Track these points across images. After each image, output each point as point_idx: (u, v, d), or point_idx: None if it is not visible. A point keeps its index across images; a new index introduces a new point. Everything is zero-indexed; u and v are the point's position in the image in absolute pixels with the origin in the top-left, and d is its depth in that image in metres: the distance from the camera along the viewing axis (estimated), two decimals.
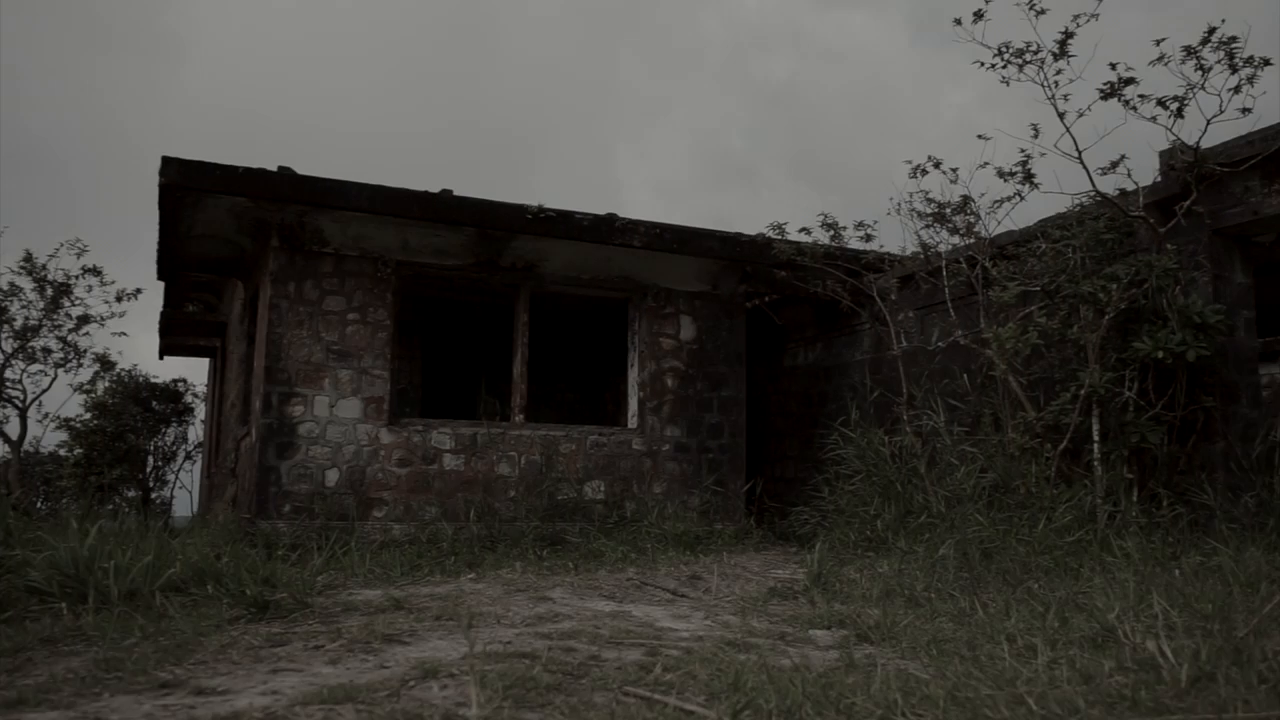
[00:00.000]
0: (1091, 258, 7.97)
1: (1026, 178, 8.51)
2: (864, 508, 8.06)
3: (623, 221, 9.76)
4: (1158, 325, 7.56)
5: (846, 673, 3.24)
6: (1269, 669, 2.81)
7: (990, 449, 7.88)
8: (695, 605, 5.40)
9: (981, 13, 7.91)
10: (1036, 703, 2.66)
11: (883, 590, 5.42)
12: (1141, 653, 3.08)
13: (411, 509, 9.27)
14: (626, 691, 3.02)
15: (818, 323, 11.57)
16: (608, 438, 10.14)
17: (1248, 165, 7.59)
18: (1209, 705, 2.53)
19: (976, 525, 6.68)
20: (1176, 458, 7.84)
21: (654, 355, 10.40)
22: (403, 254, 9.53)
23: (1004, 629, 3.81)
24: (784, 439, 11.99)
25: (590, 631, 4.22)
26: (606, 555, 8.08)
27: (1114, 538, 6.42)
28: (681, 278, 10.52)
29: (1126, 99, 7.63)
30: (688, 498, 10.20)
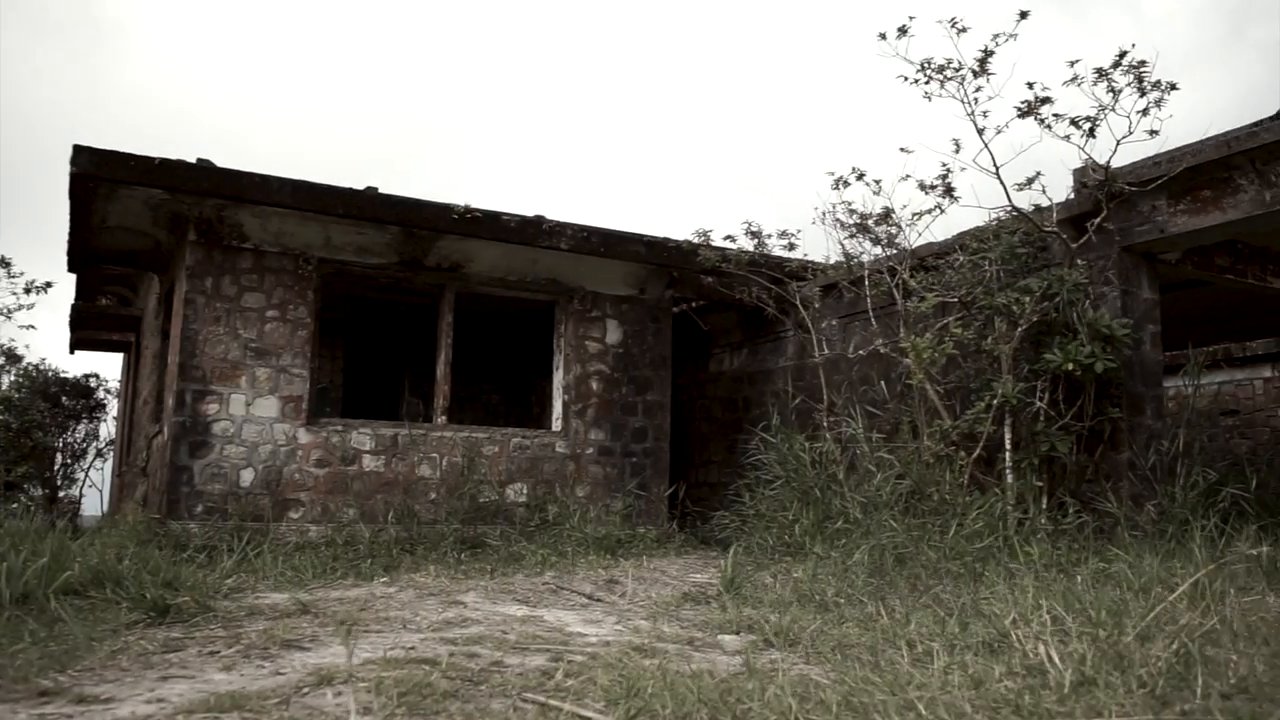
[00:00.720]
0: (1006, 271, 8.17)
1: (947, 191, 8.70)
2: (783, 513, 8.14)
3: (550, 224, 9.72)
4: (1068, 338, 7.78)
5: (748, 678, 3.26)
6: (1149, 673, 2.90)
7: (907, 456, 8.03)
8: (609, 610, 5.39)
9: (906, 28, 8.06)
10: (926, 708, 2.70)
11: (794, 595, 5.47)
12: (1032, 658, 3.15)
13: (329, 510, 9.11)
14: (525, 698, 3.00)
15: (744, 329, 11.67)
16: (531, 440, 10.09)
17: (1155, 185, 7.86)
18: (1088, 709, 2.60)
19: (891, 531, 6.79)
20: (1084, 466, 8.08)
21: (580, 358, 10.38)
22: (325, 251, 9.36)
23: (905, 634, 3.87)
24: (709, 444, 12.06)
25: (497, 637, 4.18)
26: (526, 559, 8.02)
27: (1022, 544, 6.58)
28: (608, 281, 10.52)
29: (1042, 118, 7.84)
30: (611, 501, 10.19)
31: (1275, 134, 7.32)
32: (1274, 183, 7.47)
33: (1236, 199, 7.69)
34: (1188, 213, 7.94)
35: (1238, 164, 7.60)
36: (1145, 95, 7.43)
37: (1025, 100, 7.85)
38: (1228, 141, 7.59)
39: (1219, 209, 7.78)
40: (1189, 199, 7.93)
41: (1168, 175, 7.76)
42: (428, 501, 9.47)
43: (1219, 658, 3.21)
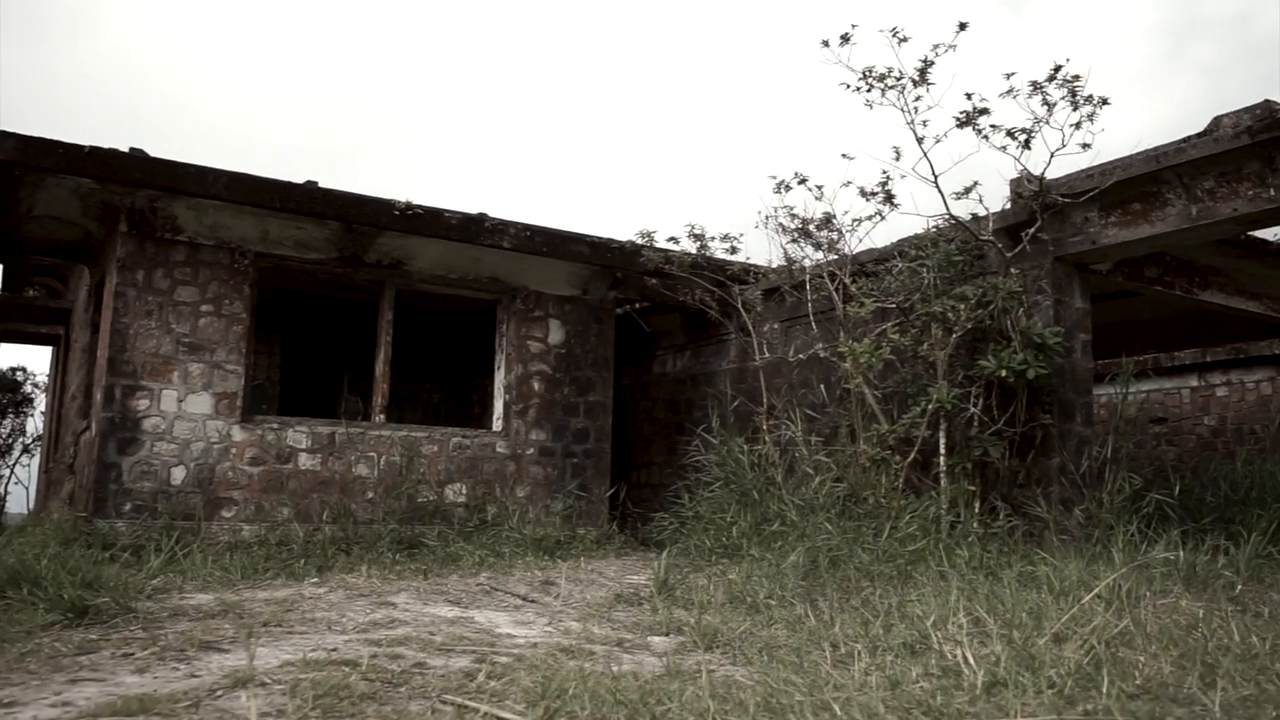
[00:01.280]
0: (943, 278, 8.29)
1: (887, 198, 8.80)
2: (721, 515, 8.17)
3: (493, 222, 9.66)
4: (1002, 345, 7.92)
5: (672, 679, 3.27)
6: (1059, 675, 2.96)
7: (844, 460, 8.11)
8: (541, 611, 5.37)
9: (848, 36, 8.15)
10: (842, 708, 2.73)
11: (727, 597, 5.50)
12: (949, 659, 3.20)
13: (263, 509, 8.95)
14: (444, 699, 2.97)
15: (687, 331, 11.71)
16: (471, 440, 10.02)
17: (1087, 197, 8.03)
18: (996, 709, 2.64)
19: (826, 534, 6.85)
20: (1016, 471, 8.22)
21: (521, 358, 10.33)
22: (263, 245, 9.20)
23: (830, 636, 3.91)
24: (651, 445, 12.08)
25: (424, 638, 4.14)
26: (464, 559, 7.96)
27: (953, 547, 6.69)
28: (552, 281, 10.48)
29: (980, 128, 7.98)
30: (551, 502, 10.16)
31: (1202, 150, 7.51)
32: (1200, 198, 7.68)
33: (1165, 213, 7.89)
34: (1119, 225, 8.13)
35: (1166, 179, 7.79)
36: (1078, 109, 7.60)
37: (964, 110, 7.98)
38: (1157, 156, 7.78)
39: (1148, 222, 7.97)
40: (1120, 211, 8.12)
41: (1099, 188, 7.93)
42: (365, 501, 9.35)
43: (1129, 659, 3.29)
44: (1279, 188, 7.26)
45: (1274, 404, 13.70)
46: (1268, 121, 7.18)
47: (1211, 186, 7.63)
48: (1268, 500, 8.53)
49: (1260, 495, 8.66)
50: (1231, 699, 2.85)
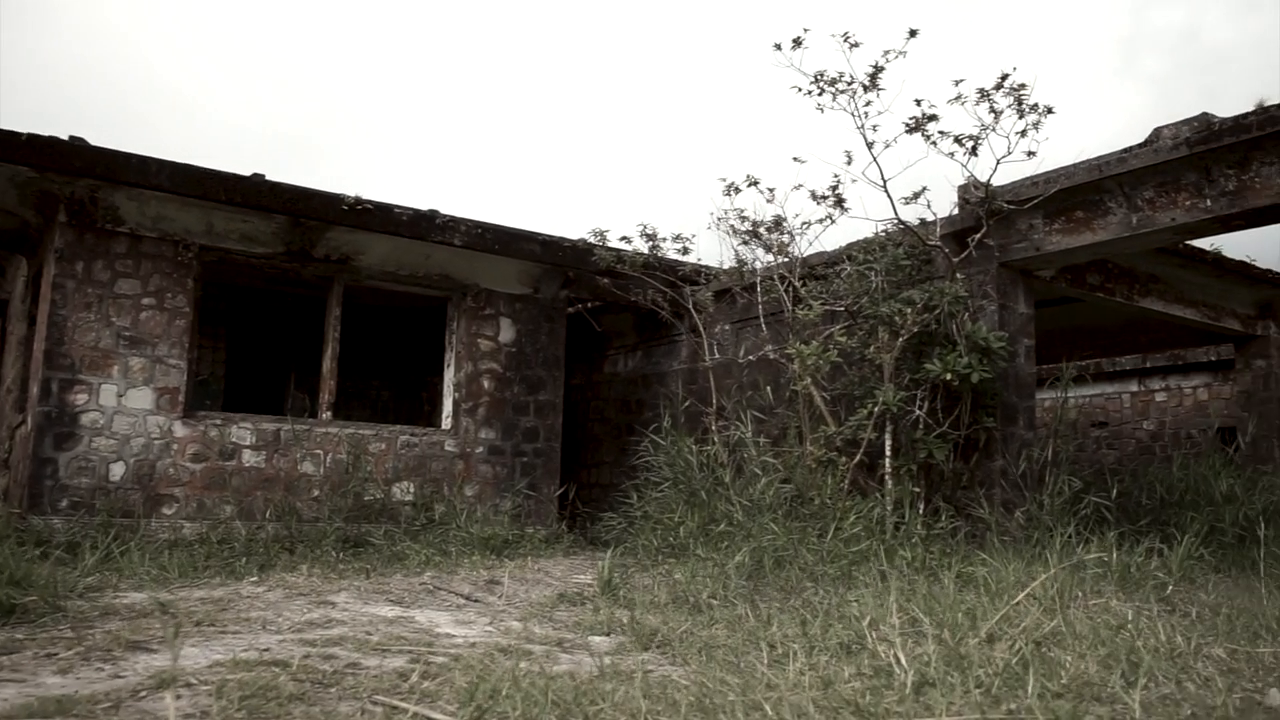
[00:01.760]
0: (891, 282, 8.38)
1: (837, 202, 8.88)
2: (669, 515, 8.18)
3: (444, 218, 9.59)
4: (948, 349, 8.02)
5: (607, 679, 3.26)
6: (987, 674, 3.00)
7: (792, 461, 8.16)
8: (483, 611, 5.34)
9: (800, 40, 8.20)
10: (773, 708, 2.75)
11: (670, 597, 5.50)
12: (882, 659, 3.24)
13: (205, 507, 8.80)
14: (375, 700, 2.94)
15: (639, 331, 11.71)
16: (420, 438, 9.93)
17: (1032, 204, 8.16)
18: (923, 709, 2.67)
19: (772, 534, 6.89)
20: (960, 473, 8.34)
21: (472, 356, 10.27)
22: (207, 238, 9.05)
23: (768, 636, 3.93)
24: (601, 444, 12.07)
25: (360, 638, 4.09)
26: (409, 558, 7.89)
27: (897, 548, 6.76)
28: (503, 279, 10.43)
29: (928, 134, 8.07)
30: (499, 501, 10.11)
31: (1142, 161, 7.68)
32: (1140, 207, 7.85)
33: (1106, 221, 8.06)
34: (1062, 232, 8.28)
35: (1108, 188, 7.96)
36: (1024, 117, 7.72)
37: (913, 116, 8.08)
38: (1099, 166, 7.94)
39: (1090, 230, 8.13)
40: (1063, 219, 8.27)
41: (1043, 195, 8.07)
42: (310, 499, 9.24)
43: (1058, 658, 3.34)
44: (1215, 199, 7.44)
45: (1210, 409, 14.05)
46: (1205, 134, 7.36)
47: (1151, 196, 7.80)
48: (1201, 503, 8.75)
49: (1194, 498, 8.87)
50: (1152, 697, 2.91)
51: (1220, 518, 8.44)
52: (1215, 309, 10.72)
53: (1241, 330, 11.07)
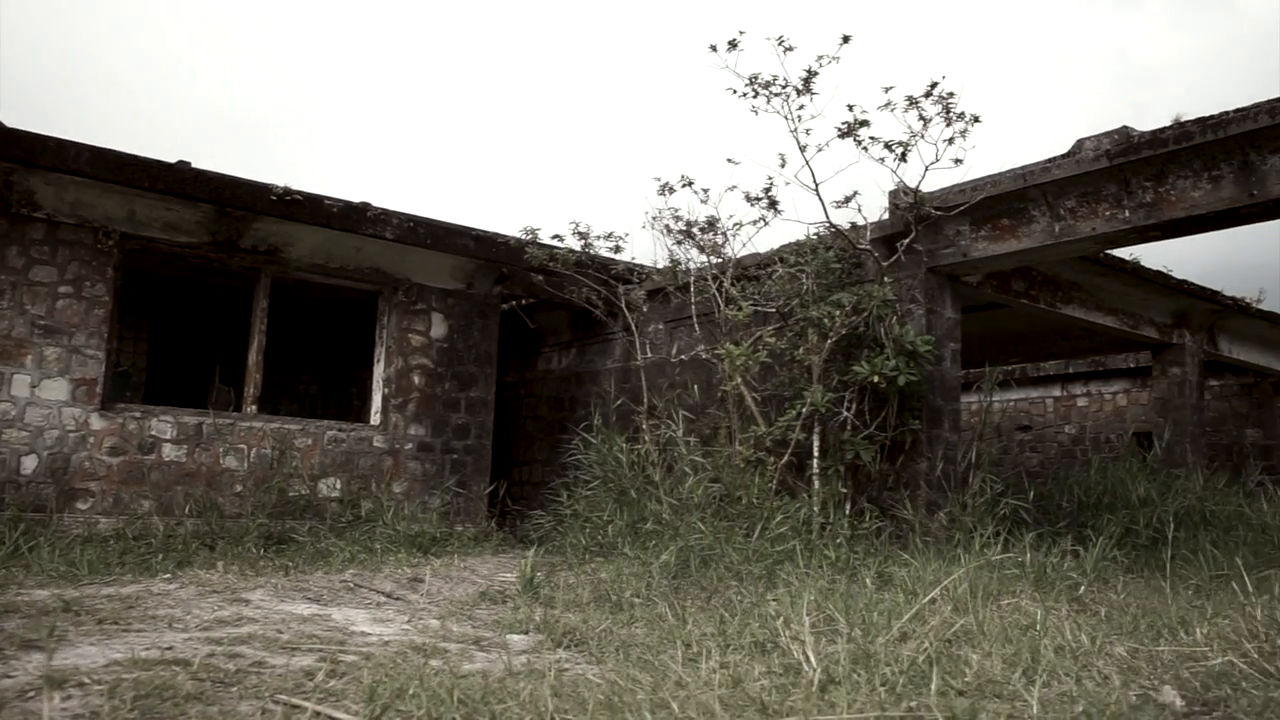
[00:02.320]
0: (821, 284, 8.46)
1: (771, 204, 8.94)
2: (598, 513, 8.18)
3: (375, 211, 9.45)
4: (876, 351, 8.12)
5: (519, 678, 3.24)
6: (893, 672, 3.04)
7: (721, 460, 8.20)
8: (403, 609, 5.27)
9: (736, 42, 8.24)
10: (680, 707, 2.75)
11: (593, 595, 5.49)
12: (794, 658, 3.26)
13: (122, 502, 8.56)
14: (277, 699, 2.88)
15: (573, 329, 11.68)
16: (348, 434, 9.78)
17: (959, 211, 8.31)
18: (827, 707, 2.70)
19: (699, 533, 6.92)
20: (886, 474, 8.45)
21: (402, 351, 10.14)
22: (129, 226, 8.79)
23: (685, 635, 3.94)
24: (534, 442, 12.01)
25: (270, 636, 4.01)
26: (334, 556, 7.76)
27: (822, 548, 6.84)
28: (435, 274, 10.31)
29: (860, 139, 8.17)
30: (428, 498, 10.00)
31: (1065, 171, 7.86)
32: (1063, 216, 8.03)
33: (1030, 229, 8.23)
34: (988, 239, 8.44)
35: (1032, 196, 8.13)
36: (952, 125, 7.86)
37: (845, 122, 8.17)
38: (1024, 175, 8.11)
39: (1015, 237, 8.30)
40: (990, 226, 8.43)
41: (970, 203, 8.22)
42: (233, 494, 9.03)
43: (965, 657, 3.40)
44: (1133, 210, 7.65)
45: (1129, 414, 14.47)
46: (1124, 146, 7.56)
47: (1073, 206, 7.99)
48: (1117, 506, 8.99)
49: (1111, 501, 9.12)
50: (1051, 695, 2.98)
51: (1135, 520, 8.68)
52: (1134, 317, 11.03)
53: (1158, 338, 11.40)
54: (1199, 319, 11.69)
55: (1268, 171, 6.96)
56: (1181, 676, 3.37)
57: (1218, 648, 3.60)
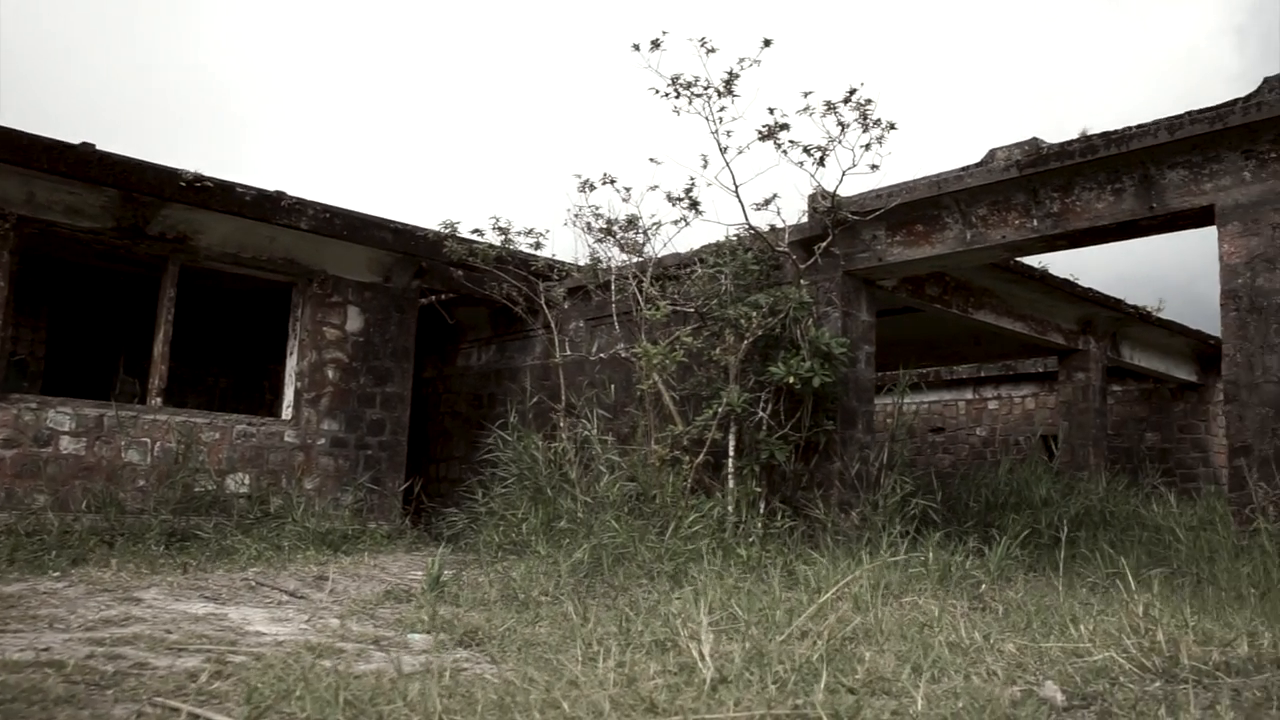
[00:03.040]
0: (740, 285, 8.52)
1: (692, 205, 8.97)
2: (513, 511, 8.12)
3: (290, 200, 9.24)
4: (792, 353, 8.21)
5: (411, 679, 3.19)
6: (786, 670, 3.07)
7: (636, 459, 8.21)
8: (304, 608, 5.15)
9: (659, 42, 8.25)
10: (570, 706, 2.73)
11: (501, 594, 5.45)
12: (689, 657, 3.27)
13: (15, 496, 8.22)
14: (154, 701, 2.79)
15: (493, 325, 11.58)
16: (258, 428, 9.54)
17: (875, 216, 8.44)
18: (715, 705, 2.71)
19: (613, 531, 6.91)
20: (800, 474, 8.56)
21: (316, 345, 9.93)
22: (27, 209, 8.45)
23: (585, 634, 3.92)
24: (452, 439, 11.88)
25: (157, 636, 3.88)
26: (239, 553, 7.56)
27: (734, 546, 6.89)
28: (352, 266, 10.13)
29: (780, 143, 8.24)
30: (341, 495, 9.81)
31: (977, 179, 8.04)
32: (974, 224, 8.22)
33: (943, 235, 8.40)
34: (903, 244, 8.60)
35: (946, 203, 8.30)
36: (869, 131, 7.97)
37: (766, 125, 8.23)
38: (938, 182, 8.27)
39: (929, 243, 8.47)
40: (905, 231, 8.59)
41: (885, 208, 8.36)
42: (135, 490, 8.74)
43: (860, 654, 3.45)
44: (1041, 219, 7.86)
45: (1036, 417, 14.91)
46: (1034, 157, 7.76)
47: (985, 214, 8.18)
48: (1022, 506, 9.25)
49: (1016, 501, 9.38)
50: (938, 691, 3.04)
51: (1038, 520, 8.93)
52: (1042, 323, 11.36)
53: (1065, 344, 11.76)
54: (1103, 326, 12.09)
55: (1166, 186, 7.22)
56: (1066, 672, 3.46)
57: (1101, 644, 3.71)
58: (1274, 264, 6.68)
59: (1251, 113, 6.65)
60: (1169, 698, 3.08)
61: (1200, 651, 3.57)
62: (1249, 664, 3.50)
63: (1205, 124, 6.87)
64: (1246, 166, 6.84)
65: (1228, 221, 6.88)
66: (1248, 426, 6.66)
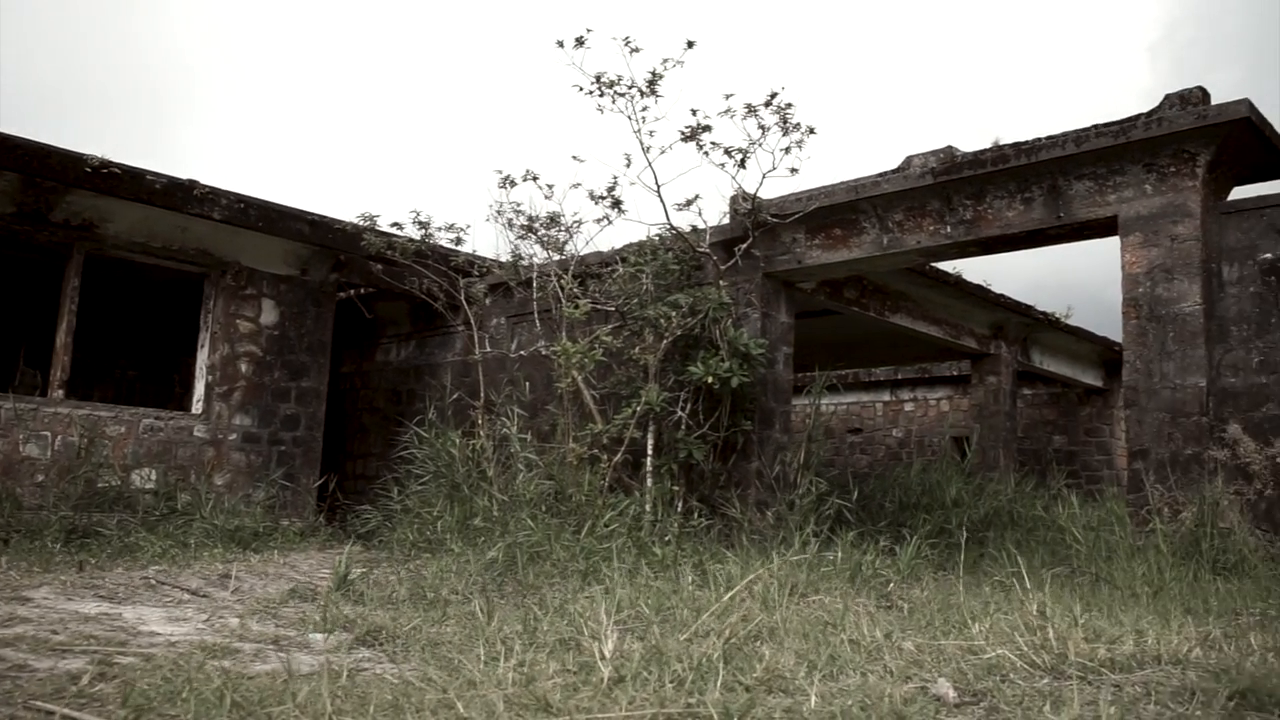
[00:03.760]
0: (660, 285, 8.56)
1: (615, 204, 8.97)
2: (429, 509, 8.04)
3: (203, 189, 8.99)
4: (711, 353, 8.27)
5: (309, 679, 3.13)
6: (685, 669, 3.09)
7: (553, 457, 8.19)
8: (204, 607, 5.02)
9: (583, 40, 8.23)
10: (465, 706, 2.71)
11: (410, 593, 5.38)
12: (589, 655, 3.27)
13: None
14: (29, 705, 2.69)
15: (414, 320, 11.43)
16: (166, 422, 9.27)
17: (795, 219, 8.55)
18: (607, 703, 2.72)
19: (528, 530, 6.88)
20: (718, 473, 8.62)
21: (229, 338, 9.68)
22: None
23: (489, 633, 3.90)
24: (370, 435, 11.70)
25: (42, 637, 3.74)
26: (142, 551, 7.34)
27: (649, 545, 6.90)
28: (267, 258, 9.90)
29: (702, 144, 8.30)
30: (253, 491, 9.59)
31: (894, 185, 8.20)
32: (891, 228, 8.37)
33: (861, 239, 8.54)
34: (822, 247, 8.72)
35: (864, 208, 8.44)
36: (789, 134, 8.07)
37: (689, 125, 8.28)
38: (856, 187, 8.41)
39: (847, 247, 8.60)
40: (824, 235, 8.71)
41: (804, 211, 8.47)
42: (33, 485, 8.42)
43: (759, 652, 3.49)
44: (955, 226, 8.04)
45: (951, 419, 15.27)
46: (948, 165, 7.93)
47: (901, 219, 8.34)
48: (934, 506, 9.47)
49: (928, 502, 9.59)
50: (833, 689, 3.09)
51: (949, 520, 9.15)
52: (956, 328, 11.63)
53: (978, 348, 12.07)
54: (1014, 331, 12.43)
55: (1073, 196, 7.44)
56: (960, 669, 3.55)
57: (995, 641, 3.81)
58: (1172, 274, 6.94)
59: (1153, 128, 6.89)
60: (1055, 693, 3.18)
61: (1088, 648, 3.69)
62: (1133, 660, 3.63)
63: (1110, 137, 7.11)
64: (1148, 180, 7.09)
65: (1130, 232, 7.13)
66: (1145, 431, 6.90)
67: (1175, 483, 6.68)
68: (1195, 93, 6.82)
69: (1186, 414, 6.75)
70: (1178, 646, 3.74)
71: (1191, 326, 6.78)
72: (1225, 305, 6.85)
